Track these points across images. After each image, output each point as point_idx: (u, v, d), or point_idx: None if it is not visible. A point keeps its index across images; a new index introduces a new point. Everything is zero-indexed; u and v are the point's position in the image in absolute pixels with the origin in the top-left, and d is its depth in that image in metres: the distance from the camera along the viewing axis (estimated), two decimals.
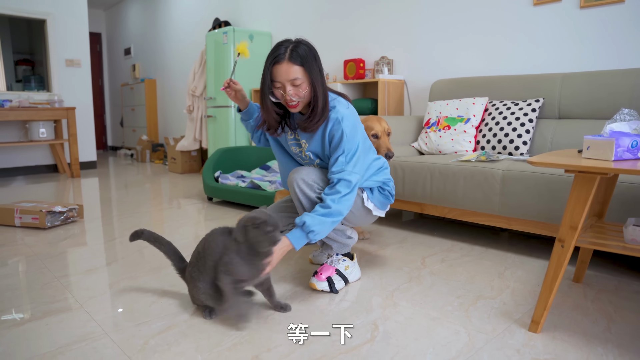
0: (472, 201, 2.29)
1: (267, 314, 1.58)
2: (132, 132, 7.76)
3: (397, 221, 2.94)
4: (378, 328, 1.48)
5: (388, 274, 1.98)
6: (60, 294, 1.78)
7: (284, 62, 1.54)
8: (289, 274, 1.98)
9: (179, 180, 4.92)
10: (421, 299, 1.70)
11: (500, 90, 2.86)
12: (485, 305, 1.64)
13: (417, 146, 3.03)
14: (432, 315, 1.57)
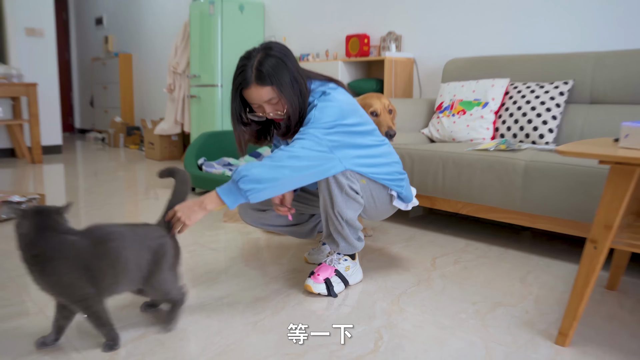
0: (490, 195, 2.26)
1: (256, 320, 1.55)
2: (104, 113, 7.69)
3: (404, 217, 2.92)
4: (382, 337, 1.45)
5: (393, 276, 1.96)
6: (17, 297, 1.74)
7: (252, 86, 1.60)
8: (281, 274, 1.96)
9: (158, 168, 4.88)
10: (431, 305, 1.68)
11: (523, 70, 2.83)
12: (505, 314, 1.62)
13: (427, 133, 3.01)
14: (444, 323, 1.55)
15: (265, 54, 1.60)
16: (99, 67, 7.72)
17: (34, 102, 5.07)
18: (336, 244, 1.78)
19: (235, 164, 3.72)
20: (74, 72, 8.95)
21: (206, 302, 1.70)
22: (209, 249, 2.28)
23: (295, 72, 1.63)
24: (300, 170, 1.52)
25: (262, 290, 1.80)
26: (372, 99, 2.21)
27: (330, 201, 1.70)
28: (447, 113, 2.90)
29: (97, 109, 7.99)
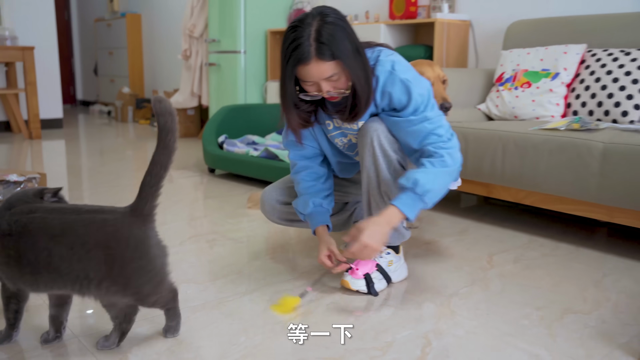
0: (559, 183, 2.24)
1: (276, 321, 1.58)
2: (110, 82, 7.84)
3: (455, 206, 2.91)
4: (431, 343, 1.46)
5: (443, 274, 1.96)
6: None
7: (311, 61, 1.54)
8: (313, 268, 1.98)
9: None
10: (487, 309, 1.68)
11: (604, 34, 2.77)
12: (576, 322, 1.61)
13: (484, 109, 2.98)
14: (502, 330, 1.55)
15: (323, 22, 1.54)
16: (104, 29, 7.84)
17: (30, 69, 5.19)
18: None
19: (260, 142, 3.75)
20: (75, 35, 9.11)
21: (227, 298, 1.73)
22: (231, 239, 2.32)
23: (357, 41, 1.60)
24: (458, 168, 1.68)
25: (291, 286, 1.83)
26: (423, 66, 2.20)
27: (377, 179, 1.72)
28: (509, 86, 2.86)
29: (101, 78, 8.14)
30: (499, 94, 2.90)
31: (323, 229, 1.81)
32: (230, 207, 2.84)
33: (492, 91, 2.98)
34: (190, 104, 5.34)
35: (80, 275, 1.29)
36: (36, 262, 1.29)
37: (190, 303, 1.69)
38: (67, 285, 1.31)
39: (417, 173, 1.58)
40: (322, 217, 1.83)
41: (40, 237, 1.29)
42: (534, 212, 2.80)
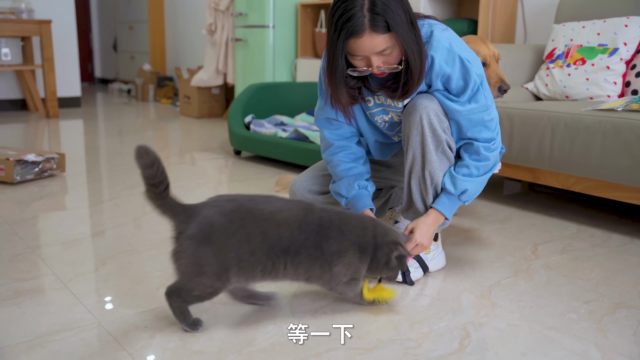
0: (614, 169, 2.22)
1: (317, 307, 1.61)
2: (130, 59, 7.95)
3: (498, 193, 2.90)
4: (470, 335, 1.48)
5: (484, 263, 1.97)
6: (37, 270, 1.88)
7: (364, 34, 1.51)
8: None
9: (195, 127, 5.03)
10: (531, 301, 1.69)
11: None
12: (629, 317, 1.61)
13: (532, 88, 2.95)
14: (548, 324, 1.55)
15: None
16: (123, 2, 7.95)
17: (48, 44, 5.29)
18: (418, 213, 1.81)
19: (289, 123, 3.78)
20: (93, 8, 9.25)
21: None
22: None
23: (411, 11, 1.57)
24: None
25: None
26: (477, 44, 2.16)
27: (422, 159, 1.73)
28: (561, 63, 2.83)
29: (121, 54, 8.26)
30: (549, 71, 2.87)
31: (369, 213, 1.83)
32: (257, 191, 2.88)
33: (541, 69, 2.95)
34: (215, 82, 5.40)
35: None
36: None
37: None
38: None
39: (466, 182, 1.72)
40: (367, 200, 1.84)
41: None
42: (583, 200, 2.78)
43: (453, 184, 1.72)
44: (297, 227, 1.48)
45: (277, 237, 1.46)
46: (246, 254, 1.44)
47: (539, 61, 3.09)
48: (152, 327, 1.50)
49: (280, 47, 4.70)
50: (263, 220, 1.47)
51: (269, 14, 4.60)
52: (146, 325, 1.51)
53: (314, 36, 4.70)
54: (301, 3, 4.61)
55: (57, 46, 5.80)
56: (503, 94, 2.10)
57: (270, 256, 1.46)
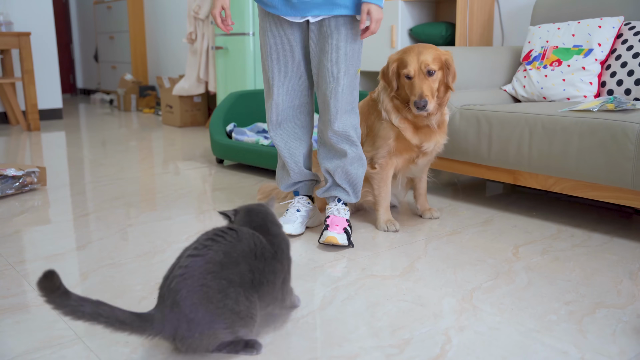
0: (592, 169, 2.23)
1: (298, 317, 1.61)
2: (112, 69, 7.91)
3: (479, 195, 2.91)
4: (451, 340, 1.48)
5: (465, 266, 1.98)
6: (17, 286, 1.85)
7: None
8: (327, 262, 2.01)
9: (177, 136, 5.01)
10: (512, 304, 1.69)
11: None
12: (609, 317, 1.62)
13: (510, 90, 2.97)
14: (528, 326, 1.56)
15: None
16: (103, 12, 7.91)
17: (27, 56, 5.26)
18: (346, 192, 2.25)
19: None
20: (73, 19, 9.20)
21: None
22: None
23: None
24: None
25: (304, 282, 1.86)
26: (409, 55, 2.23)
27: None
28: (537, 64, 2.85)
29: (102, 65, 8.21)
30: (526, 73, 2.89)
31: None
32: (240, 199, 2.87)
33: (518, 70, 2.97)
34: (197, 91, 5.39)
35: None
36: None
37: None
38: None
39: None
40: None
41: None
42: (563, 200, 2.80)
43: None
44: (253, 257, 1.41)
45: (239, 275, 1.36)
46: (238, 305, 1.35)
47: (516, 63, 3.11)
48: (133, 342, 1.48)
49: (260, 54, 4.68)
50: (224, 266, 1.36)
51: (248, 21, 4.60)
52: (127, 340, 1.50)
53: None
54: None
55: (37, 58, 5.77)
56: (420, 110, 2.20)
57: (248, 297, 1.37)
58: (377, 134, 2.36)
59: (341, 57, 2.05)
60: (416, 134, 2.31)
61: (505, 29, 3.59)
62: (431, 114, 2.28)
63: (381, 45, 3.78)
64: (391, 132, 2.32)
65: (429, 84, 2.21)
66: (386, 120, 2.33)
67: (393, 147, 2.33)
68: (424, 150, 2.34)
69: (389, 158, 2.35)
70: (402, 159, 2.37)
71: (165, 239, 2.27)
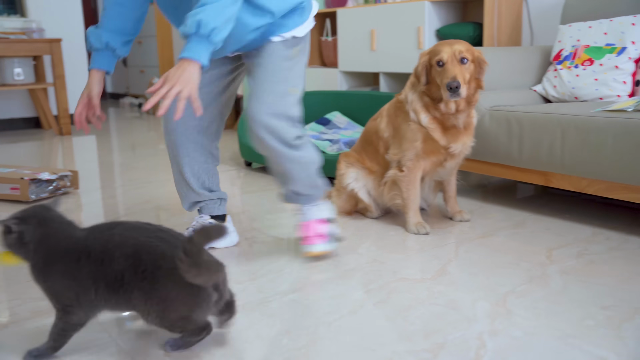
0: (627, 170, 2.19)
1: (330, 320, 1.60)
2: (140, 73, 7.98)
3: (510, 197, 2.87)
4: (485, 345, 1.46)
5: (498, 270, 1.95)
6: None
7: None
8: (358, 265, 2.01)
9: None
10: (547, 308, 1.66)
11: None
12: None
13: (541, 90, 2.93)
14: (565, 331, 1.53)
15: None
16: None
17: (58, 62, 5.34)
18: (305, 197, 2.07)
19: None
20: None
21: (269, 297, 1.76)
22: (270, 236, 2.36)
23: None
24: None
25: (335, 285, 1.85)
26: (442, 46, 2.23)
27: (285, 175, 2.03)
28: (568, 64, 2.81)
29: (131, 69, 8.30)
30: (556, 73, 2.84)
31: (98, 74, 1.99)
32: (269, 202, 2.87)
33: (549, 70, 2.93)
34: None
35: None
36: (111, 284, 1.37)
37: None
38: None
39: (199, 13, 1.61)
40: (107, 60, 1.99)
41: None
42: (597, 202, 2.75)
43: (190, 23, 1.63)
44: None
45: None
46: None
47: (546, 63, 3.06)
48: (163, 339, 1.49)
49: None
50: None
51: None
52: (161, 341, 1.50)
53: (321, 45, 4.69)
54: None
55: (68, 64, 5.85)
56: (453, 92, 2.15)
57: None
58: (404, 136, 2.34)
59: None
60: (444, 135, 2.29)
61: (535, 28, 3.54)
62: (460, 111, 2.24)
63: (408, 46, 3.76)
64: (419, 134, 2.30)
65: (461, 70, 2.18)
66: (414, 122, 2.30)
67: (420, 149, 2.30)
68: (451, 152, 2.32)
69: (417, 161, 2.32)
70: (429, 161, 2.34)
71: None
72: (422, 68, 2.27)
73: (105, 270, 1.36)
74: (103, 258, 1.36)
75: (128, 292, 1.36)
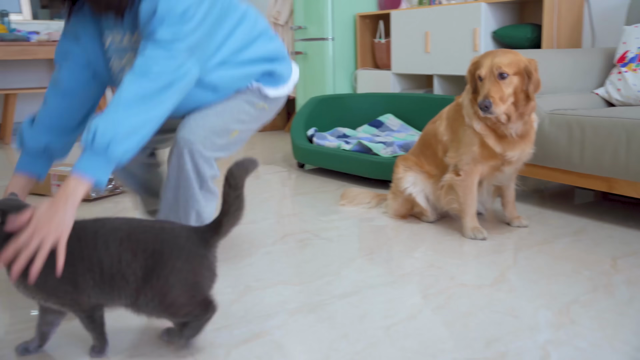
0: None
1: (388, 324, 1.59)
2: None
3: (569, 203, 2.80)
4: (550, 355, 1.42)
5: (559, 278, 1.90)
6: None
7: None
8: (415, 270, 1.98)
9: (257, 140, 5.07)
10: (614, 319, 1.61)
11: None
12: None
13: (603, 94, 2.85)
14: (633, 344, 1.48)
15: None
16: None
17: None
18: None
19: (351, 135, 3.77)
20: None
21: (325, 301, 1.76)
22: (324, 239, 2.35)
23: None
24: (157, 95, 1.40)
25: (392, 289, 1.83)
26: (484, 58, 2.20)
27: (186, 199, 1.72)
28: (634, 66, 2.72)
29: None
30: (621, 75, 2.76)
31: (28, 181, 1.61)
32: (322, 204, 2.87)
33: (612, 73, 2.84)
34: None
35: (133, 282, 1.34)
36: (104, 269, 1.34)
37: (287, 305, 1.73)
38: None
39: (97, 121, 1.34)
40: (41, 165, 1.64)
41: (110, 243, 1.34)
42: None
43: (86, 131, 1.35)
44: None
45: None
46: None
47: (609, 65, 2.98)
48: (226, 345, 1.50)
49: (340, 58, 4.70)
50: None
51: (328, 27, 4.61)
52: (221, 342, 1.51)
53: (374, 47, 4.67)
54: (359, 14, 4.60)
55: None
56: (484, 111, 2.12)
57: None
58: (462, 140, 2.31)
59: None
60: (499, 142, 2.24)
61: (597, 29, 3.45)
62: (512, 121, 2.20)
63: (463, 48, 3.71)
64: (475, 138, 2.26)
65: (498, 87, 2.14)
66: (469, 126, 2.27)
67: (477, 154, 2.26)
68: (508, 160, 2.27)
69: (474, 165, 2.29)
70: (487, 166, 2.30)
71: (252, 243, 2.29)
72: (469, 77, 2.25)
73: (100, 255, 1.32)
74: (96, 243, 1.32)
75: (125, 276, 1.33)
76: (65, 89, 1.61)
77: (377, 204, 2.77)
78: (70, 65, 1.62)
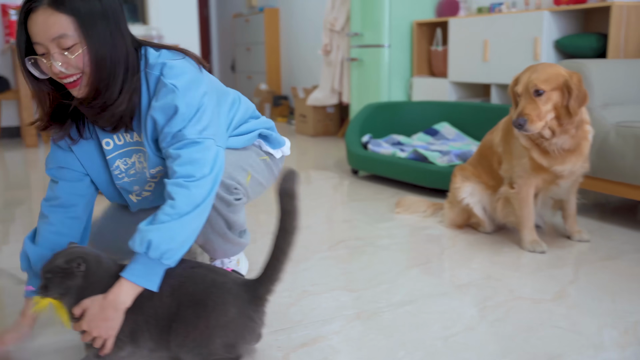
0: None
1: (447, 335, 1.57)
2: (247, 79, 8.20)
3: (633, 218, 2.71)
4: None
5: (625, 295, 1.84)
6: None
7: (40, 8, 1.29)
8: (472, 280, 1.95)
9: (310, 145, 5.10)
10: None
11: None
12: None
13: None
14: None
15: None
16: (242, 24, 8.22)
17: None
18: (214, 251, 1.76)
19: (406, 143, 3.75)
20: (213, 31, 9.65)
21: (382, 308, 1.75)
22: (379, 246, 2.34)
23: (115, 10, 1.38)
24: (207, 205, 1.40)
25: (449, 299, 1.81)
26: (523, 74, 2.17)
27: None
28: None
29: (239, 75, 8.54)
30: None
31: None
32: (376, 211, 2.86)
33: None
34: (330, 102, 5.45)
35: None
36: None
37: (345, 311, 1.73)
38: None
39: (151, 231, 1.32)
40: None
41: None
42: None
43: (137, 239, 1.33)
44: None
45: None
46: None
47: None
48: (285, 348, 1.51)
49: (395, 66, 4.68)
50: None
51: (384, 34, 4.60)
52: (279, 345, 1.52)
53: (430, 54, 4.64)
54: (417, 22, 4.57)
55: None
56: (519, 129, 2.10)
57: None
58: (513, 152, 2.27)
59: None
60: (544, 156, 2.19)
61: None
62: (556, 136, 2.14)
63: (523, 58, 3.65)
64: (524, 151, 2.22)
65: (534, 105, 2.09)
66: (518, 139, 2.24)
67: (528, 167, 2.22)
68: (558, 174, 2.21)
69: (527, 178, 2.24)
70: (540, 179, 2.25)
71: (307, 248, 2.30)
72: (510, 93, 2.24)
73: (155, 304, 1.36)
74: (152, 293, 1.36)
75: (175, 324, 1.35)
76: (64, 202, 1.56)
77: (432, 213, 2.75)
78: (66, 177, 1.57)
